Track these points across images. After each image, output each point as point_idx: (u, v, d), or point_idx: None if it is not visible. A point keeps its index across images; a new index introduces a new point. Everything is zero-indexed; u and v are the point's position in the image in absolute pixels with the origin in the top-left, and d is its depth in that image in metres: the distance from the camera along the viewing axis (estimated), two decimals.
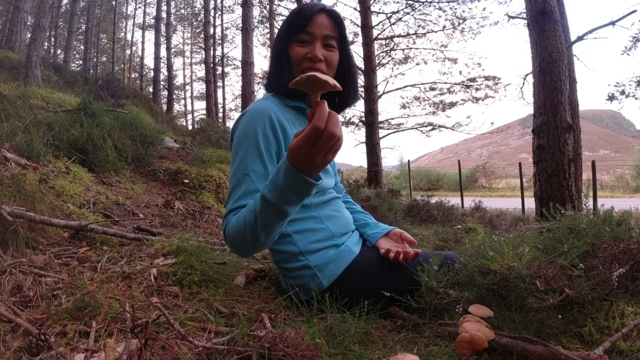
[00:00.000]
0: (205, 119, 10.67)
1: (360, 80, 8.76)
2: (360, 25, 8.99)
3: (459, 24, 10.92)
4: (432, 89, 12.30)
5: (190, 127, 12.79)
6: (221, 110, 18.82)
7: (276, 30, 14.00)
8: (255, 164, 1.02)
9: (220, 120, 15.83)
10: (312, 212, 1.14)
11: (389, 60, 11.80)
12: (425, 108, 12.71)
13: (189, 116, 25.14)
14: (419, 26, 11.15)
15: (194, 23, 20.99)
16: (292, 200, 0.83)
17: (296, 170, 0.78)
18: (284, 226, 0.95)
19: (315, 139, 0.73)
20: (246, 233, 0.91)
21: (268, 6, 14.06)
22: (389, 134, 11.81)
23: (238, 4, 13.32)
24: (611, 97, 9.00)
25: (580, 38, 6.30)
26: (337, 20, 1.14)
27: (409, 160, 13.76)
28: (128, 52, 21.82)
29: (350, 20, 11.58)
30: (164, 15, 13.45)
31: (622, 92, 8.88)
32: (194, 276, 1.22)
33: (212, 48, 14.57)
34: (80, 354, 0.81)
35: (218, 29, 16.21)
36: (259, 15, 15.00)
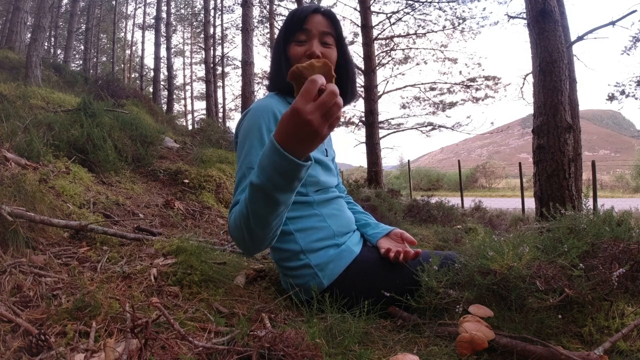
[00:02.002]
0: (205, 119, 10.67)
1: (360, 80, 8.75)
2: (360, 25, 8.99)
3: (459, 24, 10.93)
4: (432, 89, 12.30)
5: (190, 127, 12.78)
6: (221, 110, 18.82)
7: (276, 31, 14.01)
8: None
9: (220, 120, 15.83)
10: (314, 210, 1.14)
11: (389, 60, 11.80)
12: (425, 108, 12.72)
13: (189, 116, 25.16)
14: (419, 26, 11.17)
15: (194, 23, 20.98)
16: (279, 183, 0.78)
17: (281, 148, 0.74)
18: (282, 220, 0.90)
19: (314, 94, 0.69)
20: (242, 226, 0.88)
21: (268, 6, 14.05)
22: (389, 134, 11.80)
23: (238, 4, 13.34)
24: (611, 97, 9.01)
25: (580, 38, 6.30)
26: (332, 19, 1.16)
27: (409, 160, 13.76)
28: (128, 52, 21.83)
29: (350, 20, 11.59)
30: (164, 15, 13.45)
31: (622, 92, 8.88)
32: (194, 276, 1.22)
33: (212, 48, 14.57)
34: (80, 354, 0.81)
35: (218, 29, 16.23)
36: (259, 15, 15.02)
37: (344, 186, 1.45)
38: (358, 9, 9.11)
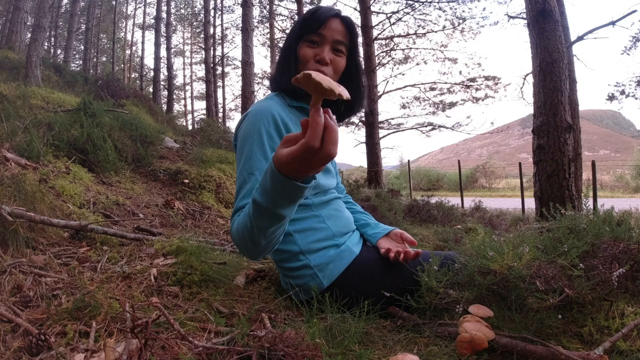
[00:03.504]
0: (205, 119, 10.67)
1: None
2: (360, 25, 8.98)
3: (459, 24, 10.95)
4: (432, 89, 12.32)
5: (190, 127, 12.79)
6: (221, 110, 18.83)
7: (276, 31, 14.04)
8: (260, 162, 1.01)
9: (220, 120, 15.84)
10: (313, 212, 1.14)
11: (389, 60, 11.82)
12: (425, 108, 12.73)
13: (189, 116, 25.16)
14: (419, 26, 11.18)
15: (194, 23, 20.99)
16: (283, 203, 0.79)
17: (283, 176, 0.73)
18: (285, 228, 0.92)
19: (308, 157, 0.67)
20: (245, 237, 0.89)
21: (268, 6, 14.07)
22: (389, 134, 11.82)
23: (238, 4, 13.32)
24: (611, 97, 9.00)
25: (580, 38, 6.30)
26: (349, 28, 1.15)
27: (409, 160, 13.75)
28: (128, 52, 21.84)
29: None
30: (164, 15, 13.44)
31: (622, 92, 8.87)
32: (194, 276, 1.22)
33: (212, 48, 14.56)
34: (80, 354, 0.81)
35: (218, 29, 16.23)
36: (259, 15, 15.02)
37: (343, 185, 1.44)
38: (358, 9, 9.11)
